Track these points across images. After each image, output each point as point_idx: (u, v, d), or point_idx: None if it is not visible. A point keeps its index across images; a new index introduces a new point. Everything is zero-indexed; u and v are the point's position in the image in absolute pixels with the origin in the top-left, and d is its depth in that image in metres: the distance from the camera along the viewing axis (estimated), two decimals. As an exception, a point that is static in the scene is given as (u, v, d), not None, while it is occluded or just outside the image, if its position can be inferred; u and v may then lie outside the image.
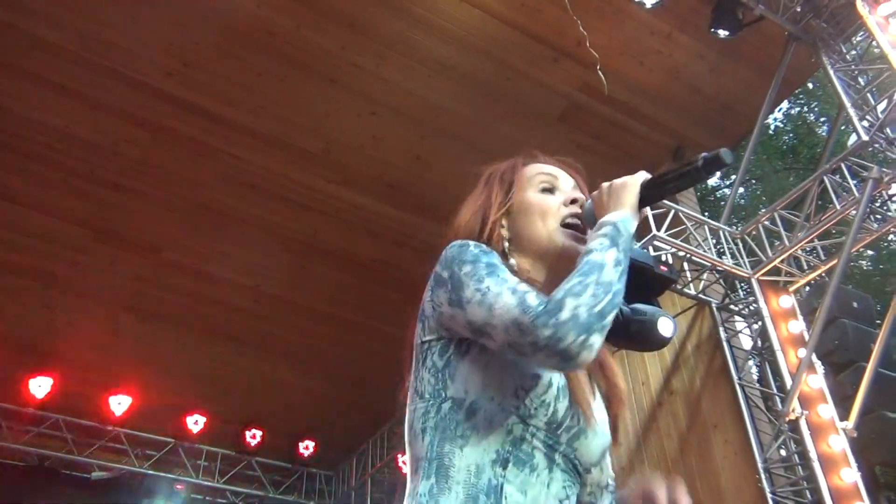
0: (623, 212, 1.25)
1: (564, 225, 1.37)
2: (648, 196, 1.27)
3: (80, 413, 8.02)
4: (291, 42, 5.69)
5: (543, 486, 1.18)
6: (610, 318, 1.12)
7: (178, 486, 8.52)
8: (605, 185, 1.32)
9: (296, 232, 7.04)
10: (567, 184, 1.45)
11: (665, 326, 4.64)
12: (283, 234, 7.05)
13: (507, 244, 1.39)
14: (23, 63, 5.66)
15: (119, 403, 7.96)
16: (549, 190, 1.44)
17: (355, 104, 6.14)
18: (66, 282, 7.18)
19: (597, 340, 1.09)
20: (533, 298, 1.12)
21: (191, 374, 7.92)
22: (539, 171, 1.47)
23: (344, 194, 6.78)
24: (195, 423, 8.35)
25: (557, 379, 1.21)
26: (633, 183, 1.28)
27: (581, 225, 1.36)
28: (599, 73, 5.41)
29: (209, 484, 8.65)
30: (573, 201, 1.39)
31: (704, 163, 1.17)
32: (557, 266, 1.34)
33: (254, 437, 8.66)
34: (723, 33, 5.30)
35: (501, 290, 1.15)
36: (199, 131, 6.20)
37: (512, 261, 1.37)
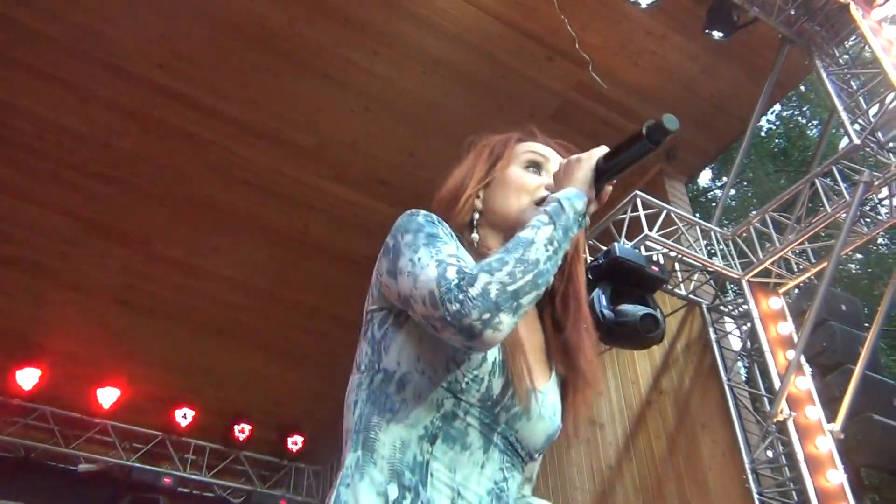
0: (571, 188, 1.20)
1: (538, 204, 1.32)
2: (606, 170, 1.21)
3: (68, 405, 7.98)
4: (285, 36, 5.66)
5: (476, 466, 1.14)
6: (527, 298, 1.06)
7: (166, 480, 8.49)
8: (564, 161, 1.29)
9: (287, 227, 7.02)
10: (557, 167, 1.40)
11: (646, 325, 4.65)
12: (273, 229, 7.03)
13: (477, 216, 1.36)
14: (13, 53, 5.61)
15: (107, 396, 7.92)
16: (536, 168, 1.40)
17: (349, 100, 6.12)
18: (54, 273, 7.14)
19: (506, 320, 1.04)
20: (453, 272, 1.07)
21: (180, 367, 7.89)
22: (530, 149, 1.42)
23: (336, 190, 6.76)
24: (183, 416, 8.32)
25: (494, 354, 1.16)
26: (587, 158, 1.23)
27: None
28: (592, 73, 5.42)
29: (197, 478, 8.62)
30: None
31: (648, 130, 1.13)
32: None
33: (242, 431, 8.64)
34: (717, 35, 5.31)
35: (430, 261, 1.11)
36: (190, 124, 6.17)
37: (475, 235, 1.34)
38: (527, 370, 1.19)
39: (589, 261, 4.41)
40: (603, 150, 1.24)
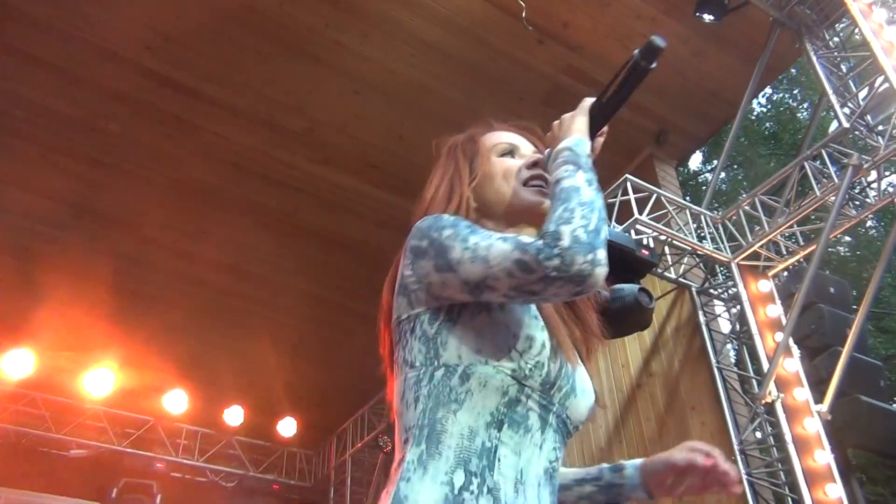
0: (573, 137, 1.28)
1: (527, 185, 1.40)
2: (601, 114, 1.29)
3: (59, 391, 7.97)
4: (274, 19, 5.61)
5: (536, 448, 1.18)
6: (605, 232, 1.14)
7: (158, 465, 8.51)
8: (556, 122, 1.36)
9: (277, 211, 7.00)
10: (527, 148, 1.47)
11: (645, 299, 4.64)
12: (263, 213, 7.00)
13: (474, 214, 1.40)
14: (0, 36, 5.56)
15: (98, 381, 7.91)
16: (510, 154, 1.46)
17: (338, 83, 6.09)
18: (44, 259, 7.10)
19: (603, 255, 1.11)
20: (527, 238, 1.13)
21: (171, 352, 7.88)
22: (498, 139, 1.49)
23: (326, 174, 6.74)
24: (175, 401, 8.33)
25: (549, 340, 1.21)
26: (580, 110, 1.31)
27: (545, 182, 1.36)
28: (524, 23, 5.36)
29: (189, 462, 8.65)
30: (534, 164, 1.41)
31: (641, 53, 1.22)
32: (526, 223, 1.38)
33: (234, 415, 8.65)
34: (708, 18, 5.30)
35: (491, 241, 1.15)
36: (179, 108, 6.13)
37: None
38: (572, 349, 1.27)
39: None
40: (590, 100, 1.32)
